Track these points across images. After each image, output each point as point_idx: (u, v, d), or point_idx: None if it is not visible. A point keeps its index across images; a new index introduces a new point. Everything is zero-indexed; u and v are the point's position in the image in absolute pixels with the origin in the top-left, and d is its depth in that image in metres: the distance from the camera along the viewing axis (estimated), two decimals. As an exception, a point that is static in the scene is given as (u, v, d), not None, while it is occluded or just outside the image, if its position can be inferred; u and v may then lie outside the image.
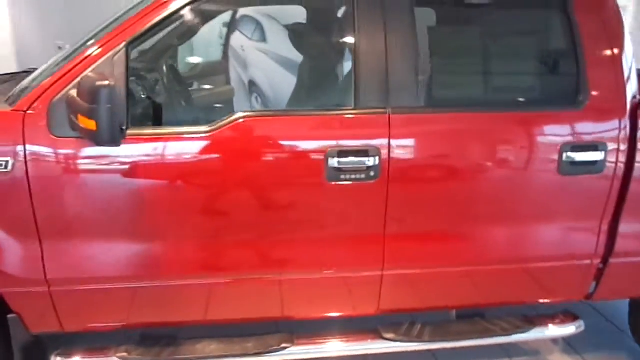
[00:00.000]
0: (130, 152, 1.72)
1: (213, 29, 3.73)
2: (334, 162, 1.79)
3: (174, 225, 1.82)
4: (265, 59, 3.64)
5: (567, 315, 2.20)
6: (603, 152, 1.93)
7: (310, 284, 1.96)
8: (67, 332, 1.90)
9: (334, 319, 2.08)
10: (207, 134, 1.76)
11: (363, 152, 1.80)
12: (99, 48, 1.71)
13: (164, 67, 2.51)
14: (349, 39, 1.92)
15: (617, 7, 2.01)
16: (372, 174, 1.81)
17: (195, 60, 3.30)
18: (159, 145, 1.75)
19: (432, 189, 1.91)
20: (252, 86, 3.33)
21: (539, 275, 2.09)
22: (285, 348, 1.97)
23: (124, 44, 1.70)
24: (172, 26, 1.99)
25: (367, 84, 1.81)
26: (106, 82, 1.53)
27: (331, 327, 2.12)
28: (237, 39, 3.73)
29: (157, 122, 1.95)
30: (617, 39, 1.97)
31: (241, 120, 1.77)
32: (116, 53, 1.69)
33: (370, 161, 1.80)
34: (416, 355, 2.21)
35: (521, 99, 2.01)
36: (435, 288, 2.06)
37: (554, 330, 2.15)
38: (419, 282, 2.03)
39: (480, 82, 2.05)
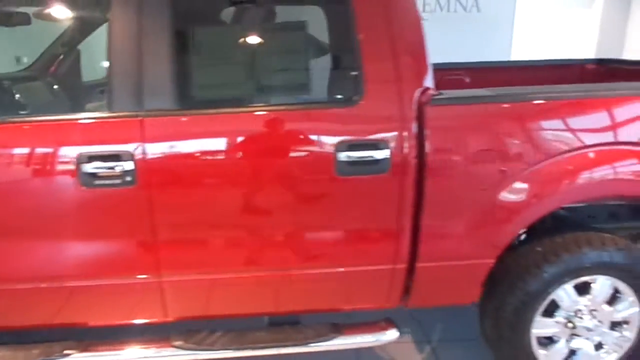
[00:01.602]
0: None
1: None
2: (88, 167, 1.75)
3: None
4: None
5: (384, 323, 2.08)
6: (386, 151, 1.82)
7: (91, 291, 1.93)
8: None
9: (142, 326, 2.05)
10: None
11: (115, 157, 1.75)
12: None
13: None
14: (103, 42, 1.86)
15: None
16: (128, 179, 1.76)
17: None
18: None
19: (198, 193, 1.83)
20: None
21: (341, 281, 1.98)
22: (67, 355, 1.94)
23: None
24: None
25: (121, 87, 1.76)
26: None
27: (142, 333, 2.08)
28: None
29: None
30: (403, 32, 1.84)
31: None
32: None
33: (124, 166, 1.74)
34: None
35: (291, 97, 1.91)
36: (225, 294, 1.99)
37: (363, 339, 2.03)
38: (205, 289, 1.95)
39: (245, 81, 1.95)
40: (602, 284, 2.06)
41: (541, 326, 2.11)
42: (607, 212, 2.35)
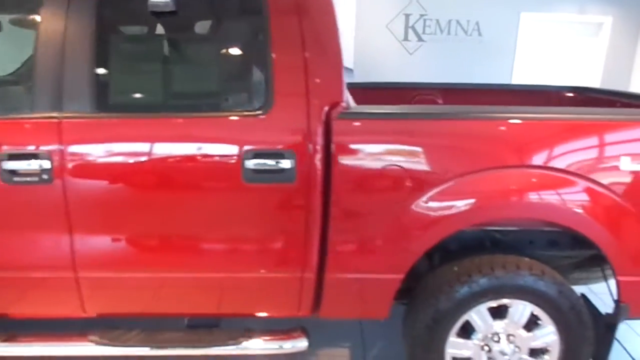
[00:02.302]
0: None
1: None
2: (7, 165, 1.86)
3: None
4: None
5: (296, 332, 2.10)
6: (291, 161, 1.87)
7: (14, 283, 2.03)
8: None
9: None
10: None
11: (33, 156, 1.86)
12: None
13: None
14: (31, 43, 1.99)
15: (326, 8, 1.94)
16: (45, 177, 1.87)
17: None
18: None
19: (110, 194, 1.92)
20: None
21: (252, 287, 2.03)
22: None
23: None
24: None
25: (42, 90, 1.88)
26: None
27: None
28: None
29: None
30: (317, 47, 1.90)
31: None
32: None
33: (42, 165, 1.86)
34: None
35: (203, 104, 1.98)
36: (139, 294, 2.05)
37: (268, 345, 2.07)
38: (120, 287, 2.03)
39: (160, 88, 2.03)
40: (517, 309, 2.03)
41: (456, 347, 2.09)
42: (547, 239, 2.31)
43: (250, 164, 1.87)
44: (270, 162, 1.87)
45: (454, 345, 2.08)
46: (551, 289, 1.98)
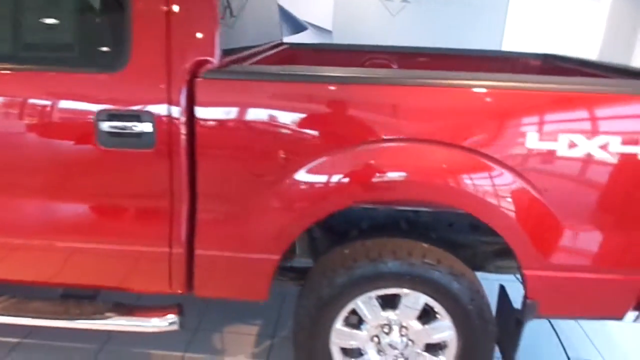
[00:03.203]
0: None
1: None
2: None
3: None
4: None
5: (168, 310, 1.93)
6: (150, 124, 1.66)
7: None
8: None
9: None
10: None
11: None
12: None
13: None
14: None
15: None
16: None
17: None
18: None
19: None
20: None
21: (119, 259, 1.85)
22: None
23: None
24: None
25: None
26: None
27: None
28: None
29: None
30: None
31: None
32: None
33: None
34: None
35: (54, 57, 1.76)
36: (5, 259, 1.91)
37: (132, 322, 1.90)
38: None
39: (9, 38, 1.80)
40: (408, 299, 1.83)
41: (342, 336, 1.90)
42: (469, 223, 2.08)
43: (105, 126, 1.67)
44: (126, 125, 1.66)
45: (340, 334, 1.89)
46: (446, 280, 1.76)
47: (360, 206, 1.86)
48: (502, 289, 2.08)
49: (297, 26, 5.17)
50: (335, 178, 1.66)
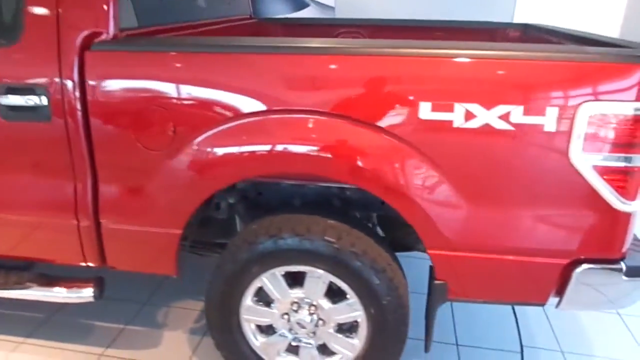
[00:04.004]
0: None
1: None
2: None
3: None
4: None
5: (87, 282, 1.97)
6: (45, 97, 1.67)
7: None
8: None
9: None
10: None
11: None
12: None
13: None
14: None
15: None
16: None
17: None
18: None
19: None
20: None
21: (32, 230, 1.88)
22: None
23: None
24: None
25: None
26: None
27: None
28: None
29: None
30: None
31: None
32: None
33: None
34: None
35: None
36: None
37: (47, 293, 1.95)
38: None
39: None
40: (312, 277, 1.77)
41: (252, 313, 1.87)
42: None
43: (5, 100, 1.70)
44: (22, 99, 1.68)
45: (250, 311, 1.87)
46: (349, 257, 1.69)
47: (287, 182, 1.83)
48: (432, 269, 1.98)
49: (299, 3, 5.08)
50: (220, 152, 1.62)
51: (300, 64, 1.54)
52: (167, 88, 1.61)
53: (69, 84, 1.65)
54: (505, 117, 1.48)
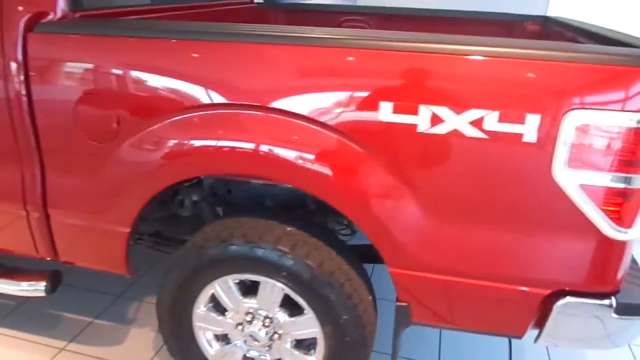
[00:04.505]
0: None
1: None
2: None
3: None
4: None
5: (43, 275, 1.88)
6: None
7: None
8: None
9: None
10: None
11: None
12: None
13: None
14: None
15: None
16: None
17: None
18: None
19: None
20: None
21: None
22: None
23: None
24: None
25: None
26: None
27: None
28: None
29: None
30: None
31: None
32: None
33: None
34: None
35: None
36: None
37: (8, 286, 1.87)
38: None
39: None
40: (266, 288, 1.62)
41: (205, 321, 1.74)
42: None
43: None
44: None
45: (203, 318, 1.74)
46: (302, 270, 1.53)
47: (257, 182, 1.68)
48: None
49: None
50: (162, 149, 1.48)
51: (238, 53, 1.37)
52: (111, 77, 1.48)
53: (13, 66, 1.54)
54: (477, 124, 1.27)
